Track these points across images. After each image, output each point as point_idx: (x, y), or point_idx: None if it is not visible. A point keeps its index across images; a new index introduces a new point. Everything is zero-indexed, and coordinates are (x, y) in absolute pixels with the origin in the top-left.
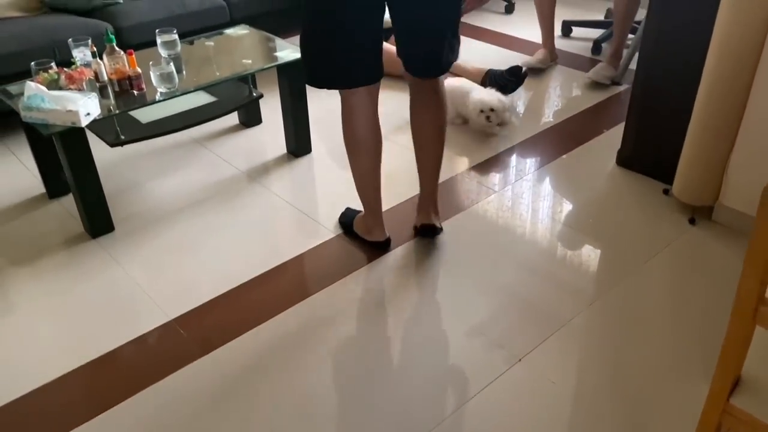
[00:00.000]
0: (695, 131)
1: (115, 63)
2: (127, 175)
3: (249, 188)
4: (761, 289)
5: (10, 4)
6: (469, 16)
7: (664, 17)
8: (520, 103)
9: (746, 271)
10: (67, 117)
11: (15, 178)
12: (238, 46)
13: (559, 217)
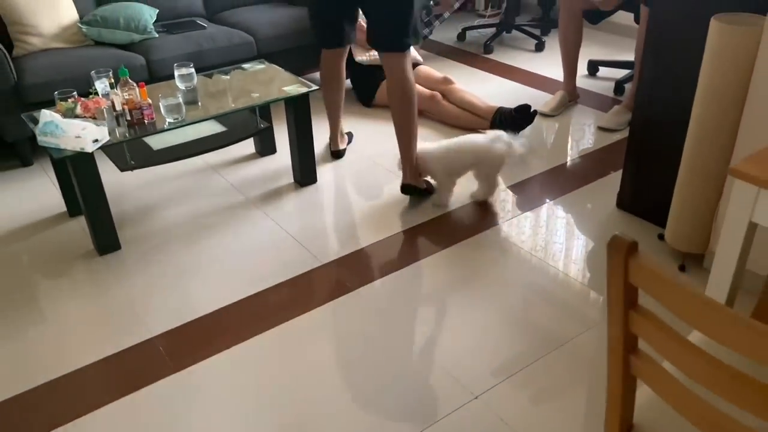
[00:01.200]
0: (684, 179)
1: (128, 94)
2: (143, 198)
3: (251, 215)
4: (627, 339)
5: (55, 36)
6: (498, 54)
7: (657, 66)
8: (526, 140)
9: (609, 320)
10: (76, 143)
11: (43, 196)
12: (252, 80)
13: (551, 255)
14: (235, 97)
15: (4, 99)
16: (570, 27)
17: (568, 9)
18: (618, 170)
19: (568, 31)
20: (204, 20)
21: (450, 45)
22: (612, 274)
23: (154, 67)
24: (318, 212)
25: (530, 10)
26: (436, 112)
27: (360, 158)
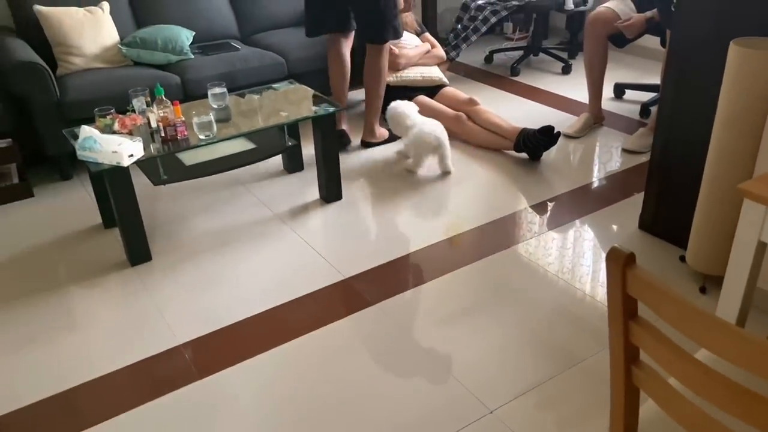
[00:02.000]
0: (704, 201)
1: (162, 111)
2: (174, 211)
3: (277, 229)
4: (628, 350)
5: (97, 56)
6: (525, 76)
7: (678, 89)
8: (551, 156)
9: (610, 331)
10: (113, 157)
11: (81, 209)
12: (281, 100)
13: (572, 274)
14: (264, 115)
15: (47, 115)
16: (595, 51)
17: (594, 34)
18: (641, 192)
19: (593, 55)
20: (238, 42)
21: (477, 67)
22: (611, 285)
23: (189, 86)
24: (342, 228)
25: (557, 33)
26: (460, 132)
27: (385, 176)
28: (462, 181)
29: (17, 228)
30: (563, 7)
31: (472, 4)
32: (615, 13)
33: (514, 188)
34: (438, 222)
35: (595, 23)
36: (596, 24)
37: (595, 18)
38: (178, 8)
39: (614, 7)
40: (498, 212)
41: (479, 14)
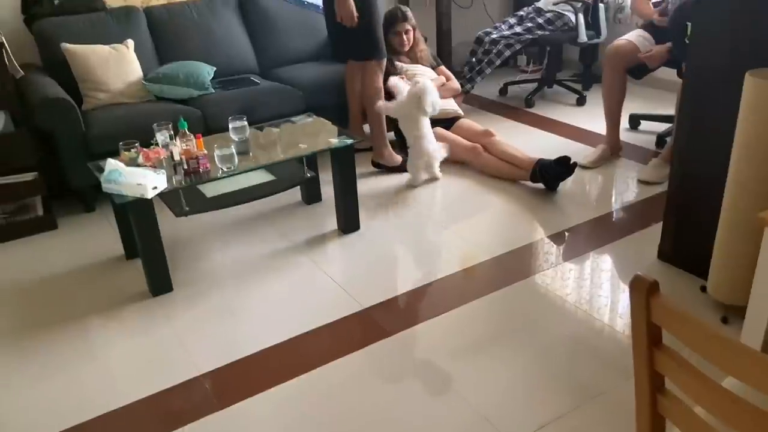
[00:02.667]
0: (724, 231)
1: (185, 144)
2: (194, 242)
3: (296, 260)
4: (653, 378)
5: (121, 92)
6: (539, 108)
7: (694, 120)
8: (568, 186)
9: (634, 359)
10: (137, 189)
11: (103, 240)
12: (300, 132)
13: (592, 305)
14: (284, 148)
15: (72, 149)
16: (614, 83)
17: (614, 66)
18: (659, 222)
19: (612, 88)
20: (257, 77)
21: (492, 99)
22: (635, 313)
23: (211, 120)
24: (360, 258)
25: (571, 65)
26: (477, 163)
27: (402, 206)
28: (479, 211)
29: (41, 259)
30: (576, 40)
31: (486, 38)
32: (635, 46)
33: (530, 218)
34: (455, 252)
35: (615, 56)
36: (616, 57)
37: (615, 51)
38: (200, 44)
39: (633, 40)
40: (515, 242)
41: (493, 48)
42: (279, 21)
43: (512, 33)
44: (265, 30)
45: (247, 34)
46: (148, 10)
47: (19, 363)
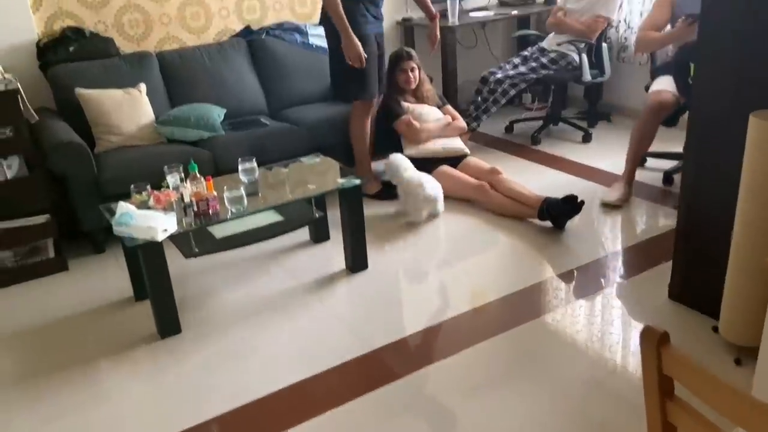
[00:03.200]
0: (734, 272)
1: (195, 187)
2: (203, 282)
3: (304, 300)
4: (665, 429)
5: (133, 135)
6: (546, 145)
7: (700, 159)
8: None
9: (647, 411)
10: (148, 232)
11: (113, 282)
12: (308, 172)
13: (603, 345)
14: (292, 188)
15: (84, 191)
16: (649, 131)
17: (655, 116)
18: (669, 261)
19: (646, 135)
20: (267, 118)
21: (498, 137)
22: (646, 365)
23: (220, 161)
24: (368, 298)
25: (576, 103)
26: (484, 201)
27: (410, 244)
28: (486, 249)
29: (51, 301)
30: (581, 79)
31: (491, 78)
32: (677, 98)
33: (539, 257)
34: (464, 291)
35: (659, 109)
36: (661, 110)
37: (659, 104)
38: (211, 87)
39: (669, 88)
40: (524, 281)
41: (498, 87)
42: (287, 63)
43: (517, 73)
44: (274, 72)
45: (257, 77)
46: (161, 54)
47: (29, 405)
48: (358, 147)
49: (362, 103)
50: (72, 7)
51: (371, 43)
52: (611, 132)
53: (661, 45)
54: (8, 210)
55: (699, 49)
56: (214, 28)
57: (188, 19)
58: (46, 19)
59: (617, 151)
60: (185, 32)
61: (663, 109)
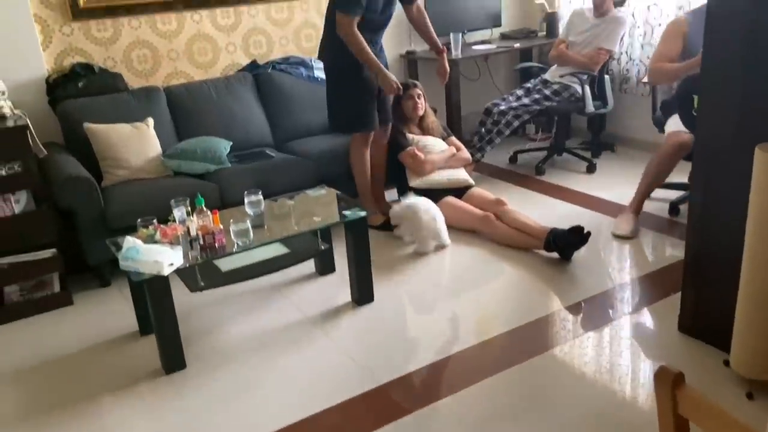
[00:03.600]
0: (744, 305)
1: (202, 220)
2: (208, 316)
3: (310, 334)
4: None
5: (140, 168)
6: (550, 176)
7: (706, 191)
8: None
9: None
10: (154, 266)
11: (118, 316)
12: (314, 204)
13: (614, 379)
14: (298, 220)
15: (91, 226)
16: (668, 168)
17: (676, 153)
18: (678, 292)
19: (664, 171)
20: (272, 150)
21: (502, 167)
22: (661, 406)
23: (226, 193)
24: (375, 331)
25: (580, 133)
26: (489, 232)
27: (416, 277)
28: (493, 280)
29: (56, 336)
30: (584, 111)
31: (495, 109)
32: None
33: (546, 289)
34: (471, 324)
35: (680, 149)
36: (680, 151)
37: (679, 146)
38: (218, 120)
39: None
40: (531, 314)
41: (502, 118)
42: (293, 96)
43: (520, 104)
44: (280, 105)
45: (263, 110)
46: (169, 89)
47: None
48: (360, 178)
49: (361, 135)
50: (82, 44)
51: (364, 76)
52: (616, 162)
53: (675, 76)
54: (15, 244)
55: (702, 81)
56: (221, 63)
57: (196, 54)
58: (56, 56)
59: (622, 182)
60: (193, 67)
61: (683, 149)
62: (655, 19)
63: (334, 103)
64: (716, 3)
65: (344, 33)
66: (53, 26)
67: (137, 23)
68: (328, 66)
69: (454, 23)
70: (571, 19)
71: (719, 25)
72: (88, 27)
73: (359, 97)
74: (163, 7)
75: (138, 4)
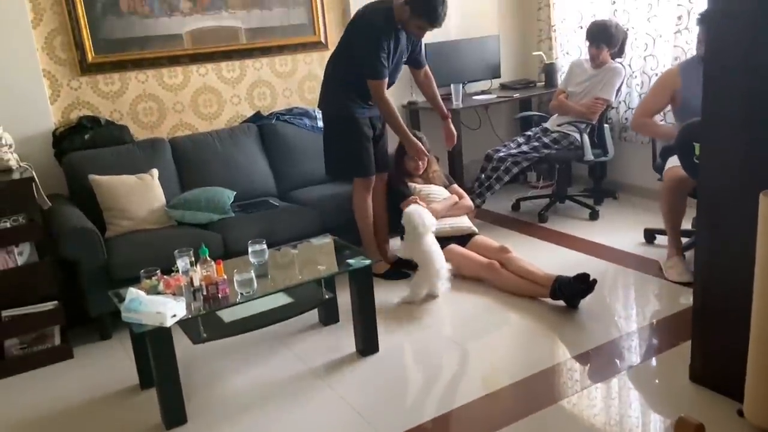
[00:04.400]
0: (756, 353)
1: (205, 271)
2: (210, 368)
3: (314, 386)
4: None
5: (145, 219)
6: (553, 223)
7: (712, 237)
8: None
9: None
10: (156, 318)
11: (119, 369)
12: (318, 254)
13: None
14: (302, 269)
15: (94, 277)
16: (678, 206)
17: (678, 192)
18: (688, 340)
19: (675, 210)
20: (276, 199)
21: (505, 214)
22: None
23: (230, 243)
24: (379, 383)
25: (582, 180)
26: (494, 280)
27: (421, 326)
28: (499, 329)
29: (55, 391)
30: (583, 159)
31: (495, 156)
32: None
33: (553, 338)
34: (476, 375)
35: (677, 186)
36: (679, 186)
37: (677, 181)
38: (222, 171)
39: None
40: (538, 364)
41: (501, 165)
42: (297, 146)
43: (519, 151)
44: (284, 155)
45: (267, 160)
46: (173, 140)
47: None
48: (363, 226)
49: (363, 181)
50: (89, 98)
51: (362, 125)
52: (618, 209)
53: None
54: (17, 297)
55: (703, 129)
56: (225, 114)
57: (201, 106)
58: (64, 109)
59: (625, 229)
60: (198, 119)
61: (682, 183)
62: (651, 70)
63: (333, 149)
64: (714, 49)
65: (378, 98)
66: (62, 81)
67: (144, 77)
68: (326, 114)
69: (455, 74)
70: (571, 69)
71: (718, 72)
72: (95, 81)
73: (357, 142)
74: (170, 61)
75: (146, 58)
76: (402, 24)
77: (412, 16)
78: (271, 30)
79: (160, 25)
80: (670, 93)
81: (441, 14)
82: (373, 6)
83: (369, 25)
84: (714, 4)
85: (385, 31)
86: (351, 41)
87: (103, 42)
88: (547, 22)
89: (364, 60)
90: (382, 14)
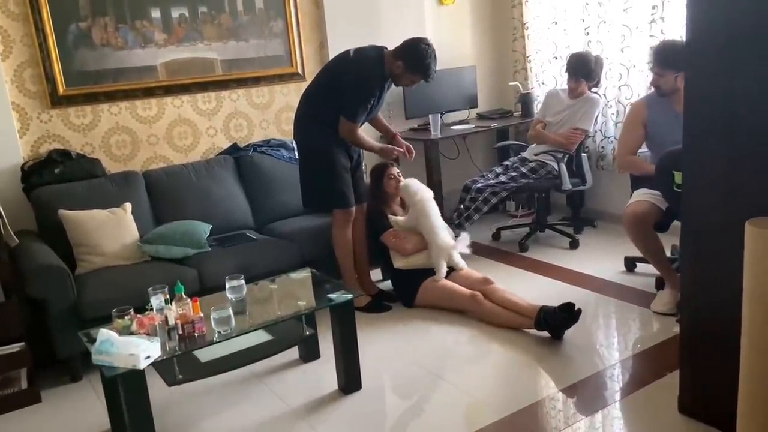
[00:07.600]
0: (746, 383)
1: (181, 308)
2: (185, 411)
3: (296, 427)
4: None
5: (117, 254)
6: (534, 252)
7: (696, 267)
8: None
9: None
10: (129, 360)
11: (90, 414)
12: (297, 288)
13: None
14: (281, 305)
15: (62, 317)
16: (647, 242)
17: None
18: (675, 370)
19: (647, 246)
20: (254, 232)
21: (486, 244)
22: None
23: (206, 279)
24: (363, 422)
25: (560, 209)
26: (477, 311)
27: (403, 362)
28: (483, 362)
29: None
30: (560, 188)
31: (473, 186)
32: (652, 205)
33: (538, 371)
34: (461, 411)
35: (637, 222)
36: (640, 222)
37: (633, 217)
38: (197, 204)
39: (647, 199)
40: (524, 399)
41: (479, 195)
42: (274, 178)
43: (497, 182)
44: (261, 187)
45: (244, 192)
46: (147, 173)
47: None
48: (343, 259)
49: (342, 213)
50: (59, 131)
51: (337, 154)
52: (597, 238)
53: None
54: None
55: (684, 157)
56: (201, 146)
57: (176, 138)
58: (33, 143)
59: (605, 257)
60: (173, 151)
61: (641, 218)
62: (626, 99)
63: (311, 182)
64: (694, 76)
65: (348, 136)
66: (31, 114)
67: (117, 109)
68: (301, 146)
69: (432, 105)
70: (546, 100)
71: (697, 103)
72: (67, 114)
73: (334, 174)
74: (144, 93)
75: (119, 90)
76: (392, 76)
77: (406, 71)
78: (247, 61)
79: (134, 56)
80: (642, 126)
81: (434, 69)
82: (366, 52)
83: (365, 71)
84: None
85: (379, 81)
86: (338, 78)
87: (75, 74)
88: (522, 52)
89: (349, 102)
90: (378, 62)
